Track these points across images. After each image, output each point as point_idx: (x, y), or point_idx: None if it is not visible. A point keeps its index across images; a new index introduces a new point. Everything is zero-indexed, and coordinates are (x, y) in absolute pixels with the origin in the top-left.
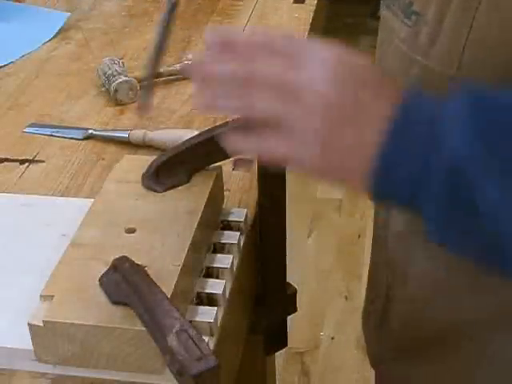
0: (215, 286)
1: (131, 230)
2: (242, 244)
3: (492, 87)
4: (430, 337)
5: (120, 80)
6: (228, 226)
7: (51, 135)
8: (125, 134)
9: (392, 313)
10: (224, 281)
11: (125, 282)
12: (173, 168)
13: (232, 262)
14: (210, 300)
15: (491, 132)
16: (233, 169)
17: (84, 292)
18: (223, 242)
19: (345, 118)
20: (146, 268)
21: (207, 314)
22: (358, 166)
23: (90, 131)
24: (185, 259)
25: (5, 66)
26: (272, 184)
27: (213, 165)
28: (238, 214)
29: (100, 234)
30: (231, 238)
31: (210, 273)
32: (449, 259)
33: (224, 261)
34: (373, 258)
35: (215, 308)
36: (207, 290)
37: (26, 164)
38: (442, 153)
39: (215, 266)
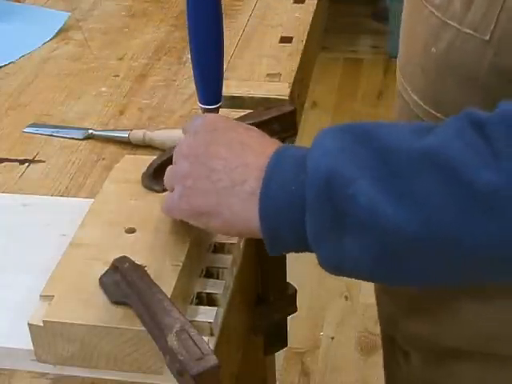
0: (215, 286)
1: (131, 230)
2: (241, 244)
3: None
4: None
5: None
6: None
7: (51, 135)
8: (125, 134)
9: None
10: (224, 281)
11: (125, 282)
12: None
13: (232, 262)
14: (210, 300)
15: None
16: None
17: (84, 292)
18: (223, 242)
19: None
20: (146, 268)
21: (207, 314)
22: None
23: (90, 131)
24: (185, 259)
25: (5, 65)
26: None
27: None
28: None
29: (100, 234)
30: (231, 237)
31: (210, 273)
32: None
33: (224, 261)
34: None
35: (215, 308)
36: (207, 290)
37: (26, 164)
38: (309, 171)
39: (215, 266)
